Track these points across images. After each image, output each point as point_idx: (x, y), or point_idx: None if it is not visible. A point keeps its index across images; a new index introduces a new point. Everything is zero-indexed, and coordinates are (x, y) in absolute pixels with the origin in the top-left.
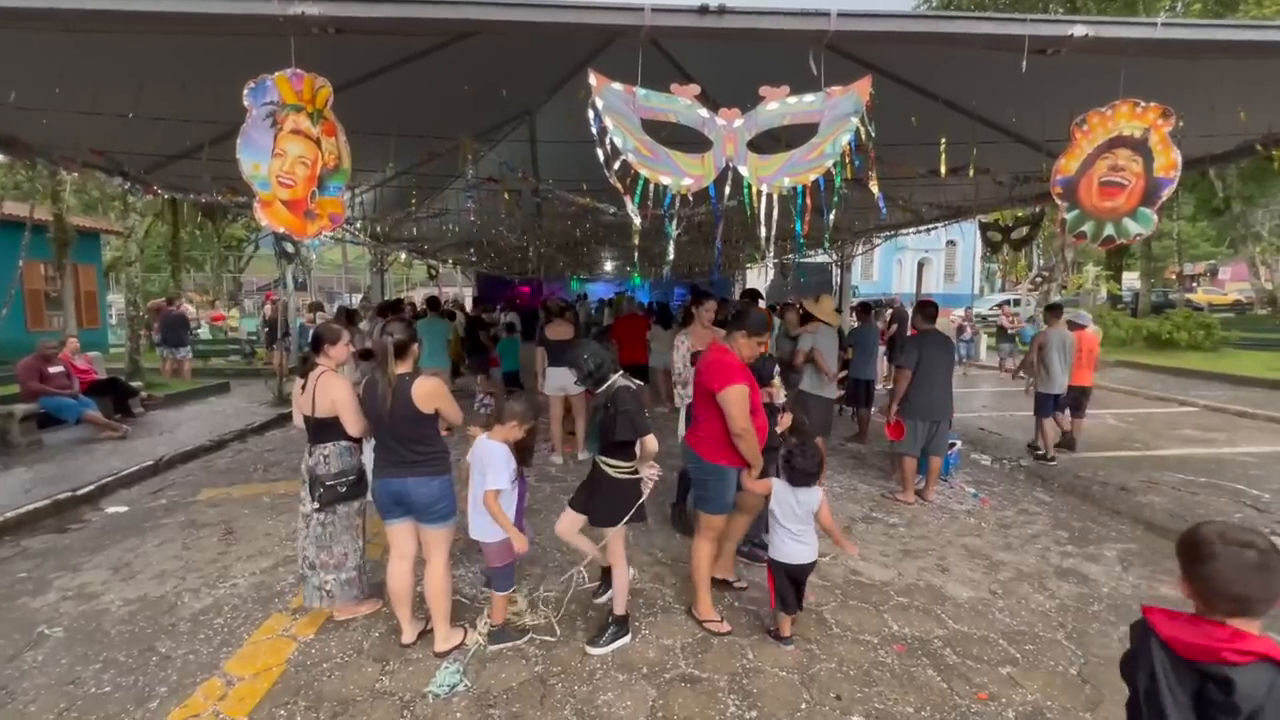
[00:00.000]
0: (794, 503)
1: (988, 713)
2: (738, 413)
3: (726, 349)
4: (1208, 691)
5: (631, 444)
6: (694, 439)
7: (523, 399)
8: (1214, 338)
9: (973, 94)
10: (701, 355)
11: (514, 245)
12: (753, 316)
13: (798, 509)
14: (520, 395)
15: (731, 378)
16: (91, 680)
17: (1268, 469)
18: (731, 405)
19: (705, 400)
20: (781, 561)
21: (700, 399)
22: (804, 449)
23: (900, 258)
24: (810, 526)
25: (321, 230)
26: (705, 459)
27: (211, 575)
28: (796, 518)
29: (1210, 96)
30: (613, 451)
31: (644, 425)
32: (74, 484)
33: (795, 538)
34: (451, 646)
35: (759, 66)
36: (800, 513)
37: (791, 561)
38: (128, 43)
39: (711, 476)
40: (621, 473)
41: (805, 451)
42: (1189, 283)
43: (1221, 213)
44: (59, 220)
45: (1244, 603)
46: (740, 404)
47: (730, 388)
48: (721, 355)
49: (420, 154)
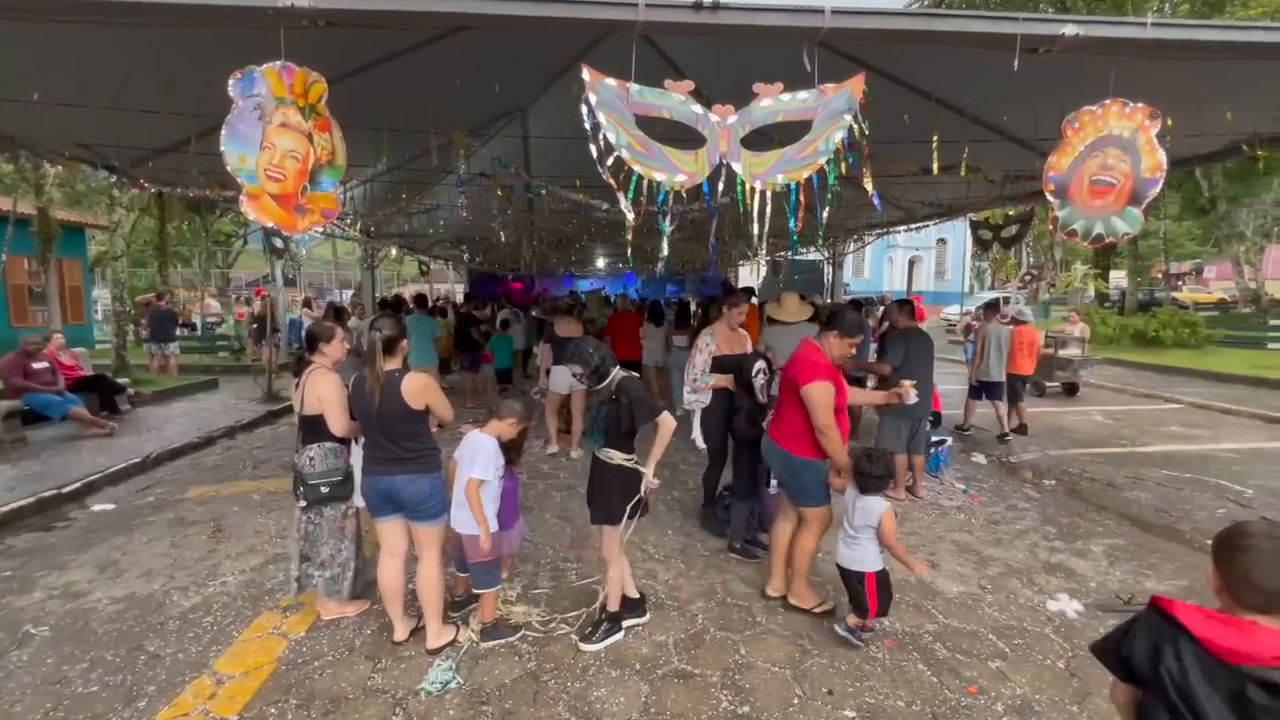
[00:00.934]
0: (855, 507)
1: (977, 706)
2: (821, 408)
3: (818, 347)
4: (1250, 693)
5: (632, 434)
6: (778, 435)
7: (521, 398)
8: (1199, 335)
9: (965, 92)
10: (793, 352)
11: (506, 242)
12: (846, 317)
13: (855, 514)
14: (516, 393)
15: (817, 374)
16: (79, 679)
17: (1250, 465)
18: (815, 400)
19: (790, 395)
20: (837, 561)
21: (785, 394)
22: (872, 456)
23: (891, 255)
24: (867, 536)
25: (313, 225)
26: (791, 454)
27: (200, 573)
28: (858, 524)
29: (1198, 96)
30: (619, 443)
31: (657, 406)
32: (59, 481)
33: (847, 540)
34: (444, 644)
35: (753, 63)
36: (857, 519)
37: (839, 562)
38: (114, 34)
39: (802, 471)
40: (623, 463)
41: (873, 458)
42: (1175, 281)
43: (1207, 212)
44: (43, 214)
45: (1273, 597)
46: (824, 400)
47: (815, 384)
48: (811, 353)
49: (412, 149)
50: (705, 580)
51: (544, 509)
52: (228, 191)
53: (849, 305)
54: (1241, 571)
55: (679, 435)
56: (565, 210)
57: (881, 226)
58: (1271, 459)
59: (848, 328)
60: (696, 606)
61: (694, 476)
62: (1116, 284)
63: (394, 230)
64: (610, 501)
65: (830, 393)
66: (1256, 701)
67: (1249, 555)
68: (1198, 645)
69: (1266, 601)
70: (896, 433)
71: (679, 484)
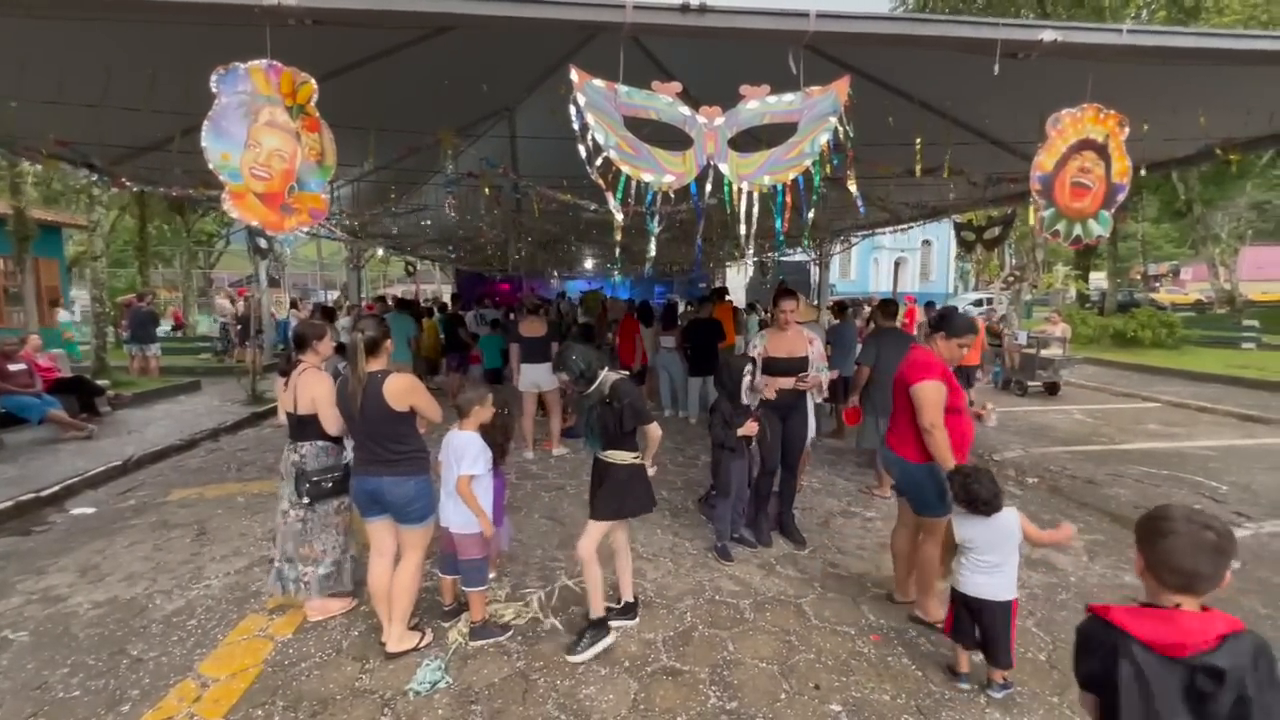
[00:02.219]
0: (991, 530)
1: (961, 699)
2: (929, 407)
3: (929, 350)
4: (1198, 683)
5: (634, 433)
6: (895, 443)
7: (478, 384)
8: (1176, 336)
9: (947, 95)
10: (905, 356)
11: (494, 241)
12: (955, 319)
13: (993, 538)
14: (475, 382)
15: (929, 373)
16: (60, 684)
17: (1225, 461)
18: (924, 398)
19: (903, 400)
20: (961, 591)
21: (898, 399)
22: (976, 476)
23: (877, 257)
24: (1012, 556)
25: (300, 225)
26: (910, 461)
27: (184, 576)
28: (996, 547)
29: (1173, 101)
30: (621, 443)
31: (646, 414)
32: (37, 485)
33: (985, 569)
34: (405, 648)
35: (740, 65)
36: (1000, 544)
37: (971, 593)
38: (96, 31)
39: (924, 478)
40: (629, 462)
41: (979, 478)
42: (1153, 283)
43: (1183, 215)
44: (19, 213)
45: (1193, 578)
46: (934, 399)
47: (924, 383)
48: (923, 355)
49: (400, 148)
50: (694, 578)
51: (532, 509)
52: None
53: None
54: (1163, 554)
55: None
56: (553, 210)
57: (867, 228)
58: (1245, 455)
59: (956, 329)
60: (685, 604)
61: (683, 476)
62: (1096, 285)
63: (381, 230)
64: (620, 501)
65: (941, 391)
66: (1205, 690)
67: (1168, 539)
68: (1142, 645)
69: (1186, 582)
70: (876, 430)
71: (667, 484)
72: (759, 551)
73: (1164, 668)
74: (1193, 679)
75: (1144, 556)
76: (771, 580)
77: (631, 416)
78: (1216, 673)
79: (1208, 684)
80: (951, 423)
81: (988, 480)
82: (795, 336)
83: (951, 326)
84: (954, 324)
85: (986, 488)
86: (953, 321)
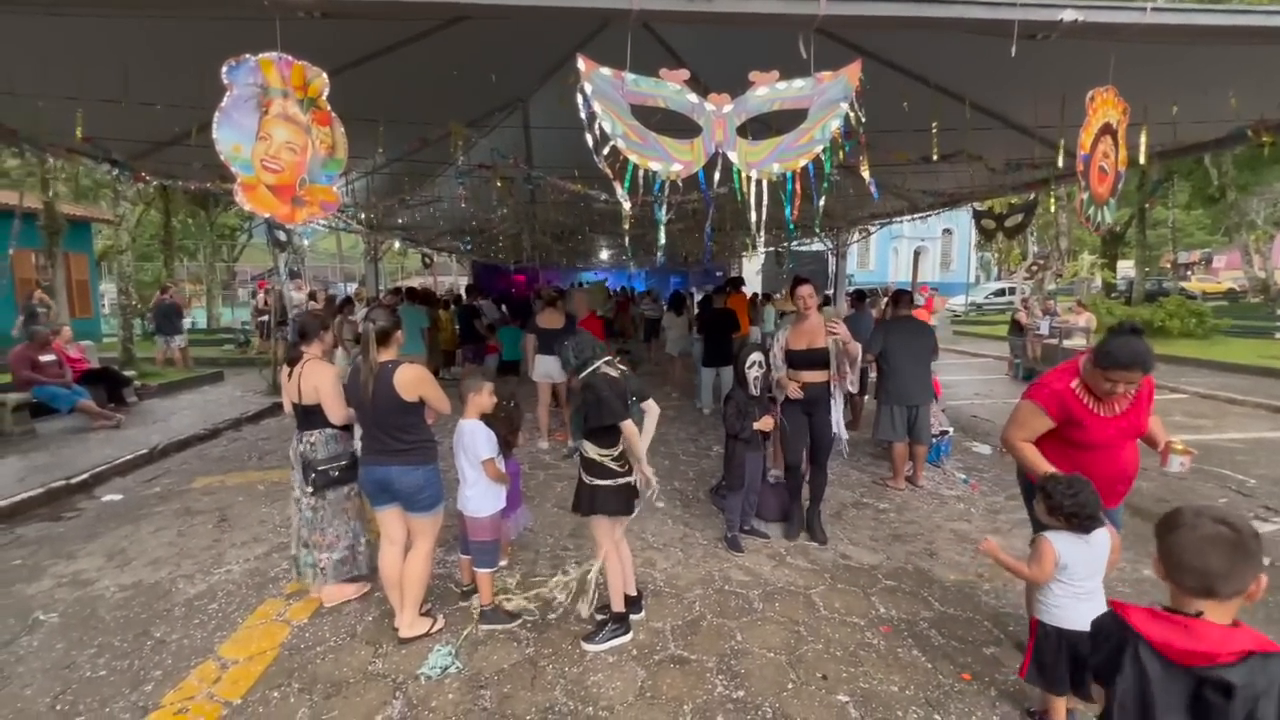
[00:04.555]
0: (1095, 555)
1: (971, 691)
2: (1012, 423)
3: (1074, 367)
4: (1206, 695)
5: (613, 430)
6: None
7: (476, 372)
8: (1206, 325)
9: (964, 79)
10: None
11: (508, 233)
12: (1110, 347)
13: (1097, 560)
14: (477, 371)
15: (1036, 391)
16: (87, 664)
17: (1254, 454)
18: (1014, 414)
19: None
20: (1062, 628)
21: None
22: (1076, 485)
23: (896, 246)
24: (1102, 576)
25: (311, 217)
26: (1027, 475)
27: (206, 561)
28: (1096, 570)
29: (1202, 82)
30: (592, 436)
31: (618, 411)
32: (68, 473)
33: (1087, 596)
34: (416, 634)
35: (752, 50)
36: (1102, 565)
37: (1071, 627)
38: (114, 28)
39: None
40: (603, 459)
41: (1074, 490)
42: (1183, 271)
43: (1216, 201)
44: (49, 208)
45: (1206, 577)
46: (1019, 418)
47: (1024, 399)
48: (1061, 369)
49: (412, 141)
50: (704, 568)
51: (545, 498)
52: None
53: (861, 293)
54: (1173, 553)
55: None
56: (565, 201)
57: (885, 217)
58: (1275, 449)
59: (1104, 359)
60: (694, 594)
61: (694, 467)
62: (1124, 274)
63: (396, 223)
64: (591, 497)
65: (1034, 414)
66: (1214, 704)
67: (1176, 535)
68: (1154, 649)
69: (1203, 582)
70: (892, 421)
71: (679, 474)
72: (770, 542)
73: (1170, 674)
74: (1200, 690)
75: (1161, 561)
76: (781, 571)
77: (599, 413)
78: (1225, 687)
79: (1215, 697)
80: (1088, 460)
81: (1088, 491)
82: (816, 326)
83: (1102, 355)
84: (1105, 352)
85: (1090, 500)
86: (1104, 348)
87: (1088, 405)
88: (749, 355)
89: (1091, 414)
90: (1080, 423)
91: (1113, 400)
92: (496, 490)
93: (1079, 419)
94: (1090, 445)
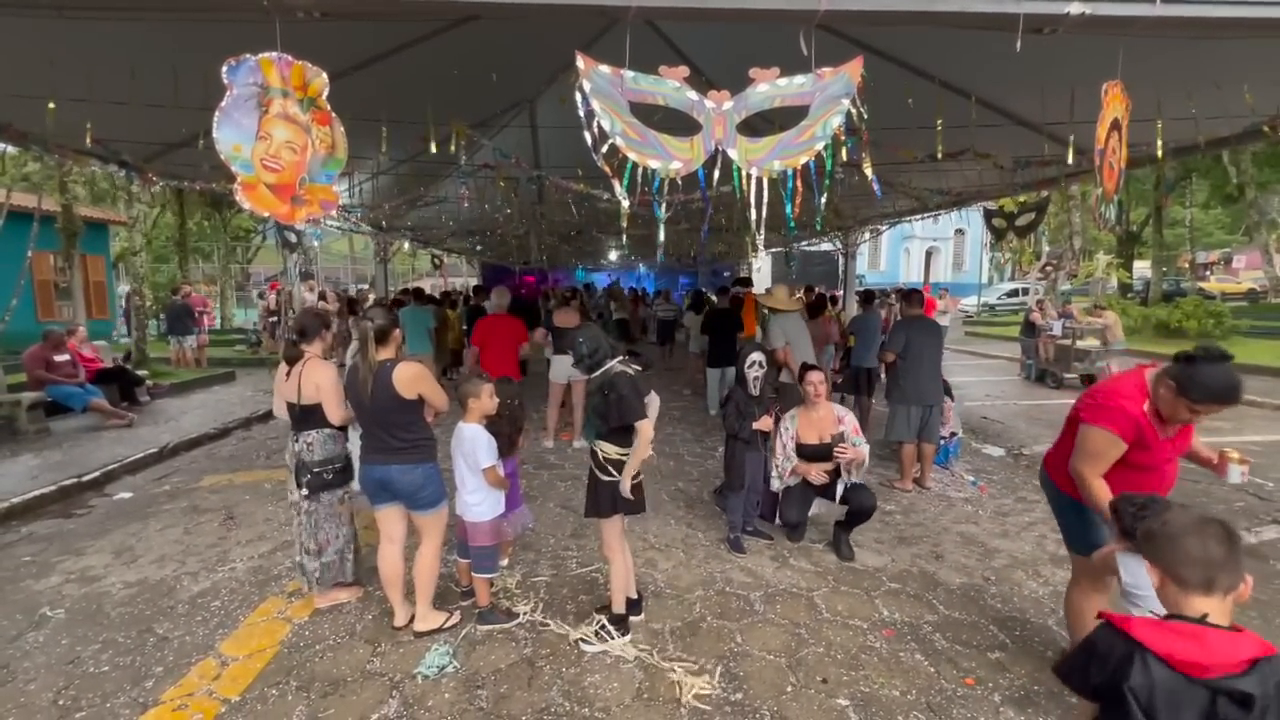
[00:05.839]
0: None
1: (974, 696)
2: (1084, 455)
3: (1142, 385)
4: (1220, 709)
5: (631, 428)
6: (1052, 461)
7: (475, 374)
8: (1224, 326)
9: (970, 75)
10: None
11: (516, 234)
12: (1204, 376)
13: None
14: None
15: (1105, 419)
16: (90, 660)
17: (1272, 458)
18: (1083, 443)
19: (1075, 422)
20: None
21: (1069, 420)
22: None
23: (908, 246)
24: None
25: (311, 216)
26: (1058, 487)
27: (211, 559)
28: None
29: (1215, 77)
30: (611, 437)
31: (638, 411)
32: (80, 470)
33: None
34: (431, 628)
35: (755, 45)
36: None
37: None
38: (120, 30)
39: (1066, 510)
40: (622, 457)
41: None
42: (1202, 271)
43: (1235, 199)
44: (67, 211)
45: (1210, 567)
46: (1091, 450)
47: (1093, 427)
48: (1126, 385)
49: (415, 141)
50: (705, 570)
51: (547, 498)
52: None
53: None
54: (1176, 546)
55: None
56: (570, 201)
57: (894, 216)
58: None
59: (1195, 390)
60: (694, 595)
61: (699, 467)
62: (1141, 274)
63: (404, 224)
64: (598, 496)
65: (1110, 443)
66: (1228, 716)
67: (1172, 529)
68: (1160, 661)
69: (1205, 574)
70: (907, 421)
71: (683, 475)
72: (773, 544)
73: (1183, 688)
74: (1214, 703)
75: (1158, 565)
76: (784, 573)
77: (619, 412)
78: (1245, 699)
79: (1232, 711)
80: (1138, 480)
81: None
82: (825, 416)
83: (1194, 386)
84: (1198, 384)
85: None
86: (1196, 380)
87: (1155, 428)
88: (749, 355)
89: (1158, 437)
90: (1148, 446)
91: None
92: (496, 495)
93: (1148, 443)
94: (1148, 466)
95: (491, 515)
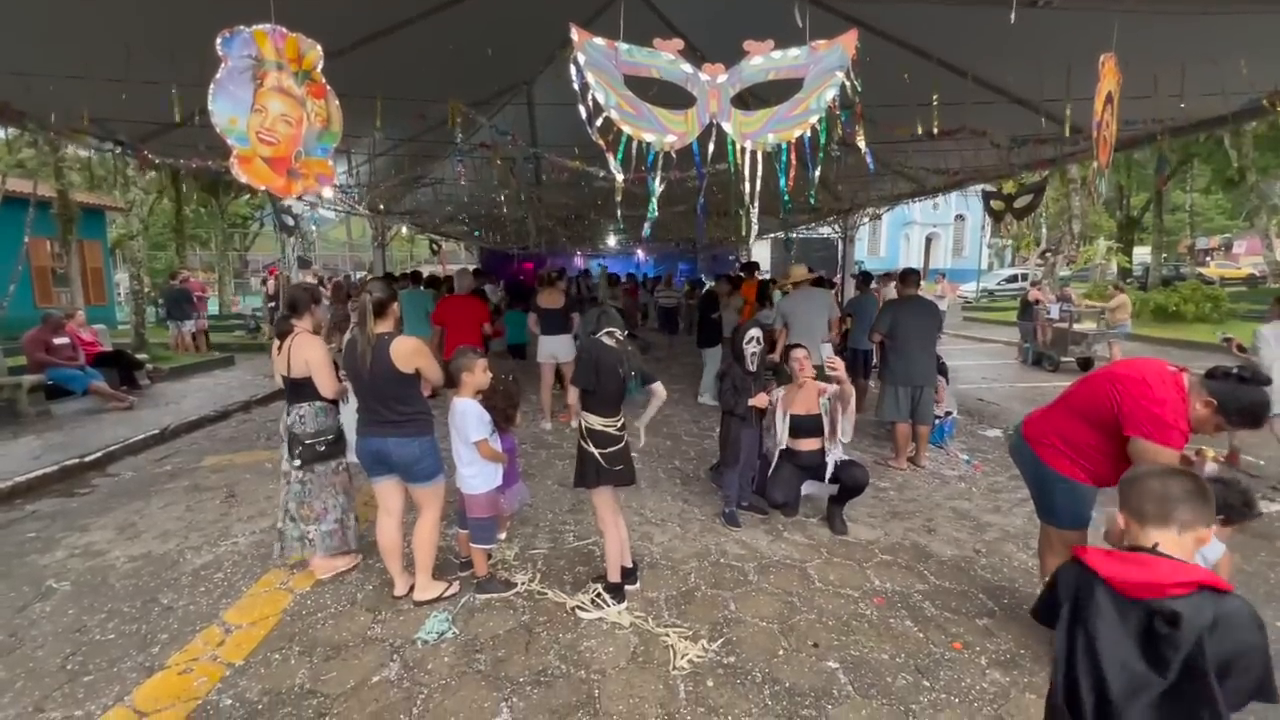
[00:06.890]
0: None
1: (961, 660)
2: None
3: (1182, 393)
4: (1154, 626)
5: (615, 401)
6: (1037, 435)
7: (468, 350)
8: (1221, 310)
9: (966, 51)
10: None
11: (513, 218)
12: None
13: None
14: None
15: (1174, 439)
16: (96, 628)
17: (1264, 437)
18: (1148, 456)
19: (1090, 412)
20: None
21: (1100, 410)
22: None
23: (908, 232)
24: None
25: (307, 190)
26: (1048, 464)
27: (213, 534)
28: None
29: (1212, 52)
30: (594, 408)
31: (581, 377)
32: (82, 451)
33: None
34: (430, 597)
35: (748, 20)
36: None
37: None
38: (115, 7)
39: (1056, 488)
40: (605, 428)
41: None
42: (1202, 256)
43: (1236, 183)
44: (63, 196)
45: (1168, 502)
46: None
47: (1164, 449)
48: (1169, 394)
49: (412, 119)
50: (700, 542)
51: (545, 476)
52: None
53: (868, 275)
54: (1139, 488)
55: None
56: (567, 182)
57: (892, 199)
58: None
59: (1230, 406)
60: (689, 566)
61: (696, 446)
62: (1141, 259)
63: (402, 207)
64: (583, 466)
65: (1173, 459)
66: (1161, 633)
67: (1138, 473)
68: (1105, 584)
69: (1160, 508)
70: (896, 401)
71: (680, 454)
72: (767, 519)
73: (1120, 607)
74: (1150, 621)
75: (1123, 510)
76: (778, 545)
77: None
78: (1172, 617)
79: (1163, 627)
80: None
81: (1239, 493)
82: (810, 394)
83: (1238, 410)
84: (1242, 408)
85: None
86: (1242, 405)
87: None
88: (748, 332)
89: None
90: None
91: None
92: (493, 468)
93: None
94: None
95: (486, 488)
